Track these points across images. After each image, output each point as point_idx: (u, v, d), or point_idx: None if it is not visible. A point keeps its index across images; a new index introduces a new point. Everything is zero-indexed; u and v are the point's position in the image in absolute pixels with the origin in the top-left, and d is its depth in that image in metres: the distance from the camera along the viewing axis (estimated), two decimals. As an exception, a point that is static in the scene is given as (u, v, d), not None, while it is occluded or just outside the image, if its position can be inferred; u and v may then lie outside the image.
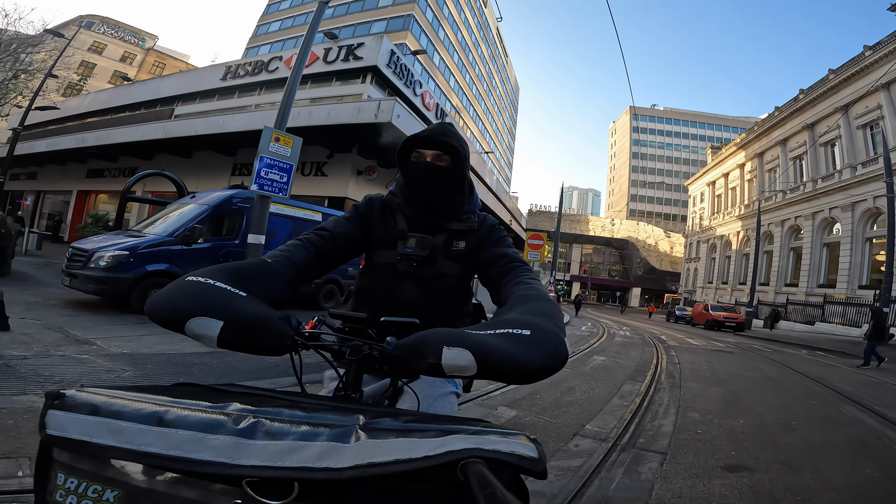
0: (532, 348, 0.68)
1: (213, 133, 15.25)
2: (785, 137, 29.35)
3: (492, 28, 52.31)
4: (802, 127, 27.43)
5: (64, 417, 0.56)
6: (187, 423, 0.54)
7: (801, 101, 27.56)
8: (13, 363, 3.50)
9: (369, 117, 11.66)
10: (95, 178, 23.73)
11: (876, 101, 22.20)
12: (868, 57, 22.52)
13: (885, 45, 21.52)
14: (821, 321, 22.07)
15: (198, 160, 18.16)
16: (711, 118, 74.96)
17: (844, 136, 24.17)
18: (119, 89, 28.14)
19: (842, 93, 24.29)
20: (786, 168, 29.11)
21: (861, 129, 23.34)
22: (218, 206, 7.57)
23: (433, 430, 0.55)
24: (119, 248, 6.19)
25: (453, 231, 1.26)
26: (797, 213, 27.13)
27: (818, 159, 26.37)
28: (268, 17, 38.32)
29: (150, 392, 0.61)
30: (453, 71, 38.26)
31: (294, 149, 7.39)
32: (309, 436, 0.54)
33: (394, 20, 30.32)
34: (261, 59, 21.05)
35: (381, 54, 17.48)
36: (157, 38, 47.16)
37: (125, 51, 45.01)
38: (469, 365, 0.67)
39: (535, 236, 14.42)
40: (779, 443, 3.78)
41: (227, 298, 0.77)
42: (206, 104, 22.30)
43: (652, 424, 4.02)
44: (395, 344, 0.78)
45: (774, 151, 30.81)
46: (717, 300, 32.32)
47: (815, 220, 25.54)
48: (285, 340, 0.77)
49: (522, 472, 0.54)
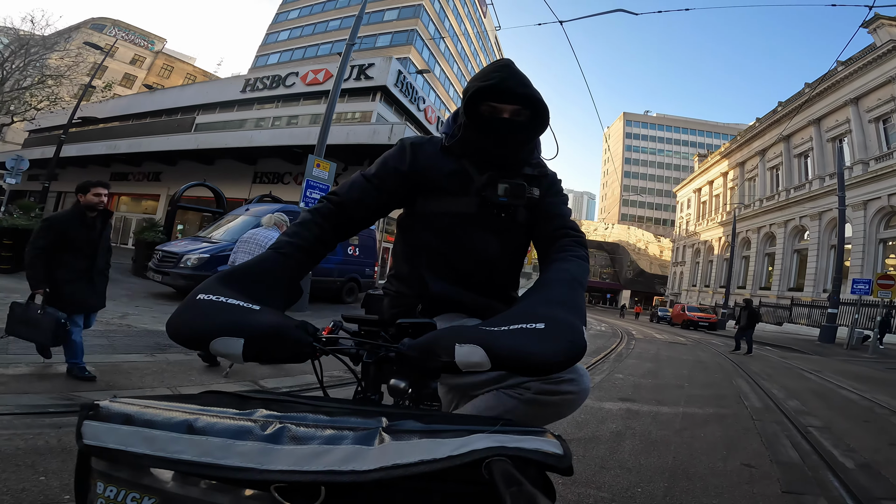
0: (546, 343, 0.69)
1: (241, 146, 17.10)
2: (763, 148, 31.28)
3: (490, 37, 54.25)
4: (779, 139, 29.02)
5: (99, 427, 0.58)
6: (216, 430, 0.56)
7: (779, 113, 29.41)
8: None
9: (383, 139, 13.60)
10: (119, 181, 25.46)
11: (845, 116, 23.99)
12: (840, 72, 23.97)
13: (856, 62, 22.94)
14: (788, 322, 24.07)
15: (220, 167, 19.93)
16: (702, 125, 77.25)
17: (816, 148, 26.06)
18: (140, 96, 29.90)
19: (815, 106, 25.94)
20: (763, 178, 31.19)
21: (831, 141, 25.15)
22: (269, 219, 9.48)
23: (456, 430, 0.56)
24: (202, 252, 8.14)
25: (527, 176, 1.15)
26: (772, 220, 29.21)
27: (792, 170, 28.37)
28: (277, 25, 40.29)
29: (179, 401, 0.63)
30: (453, 81, 40.25)
31: (330, 172, 9.27)
32: (334, 439, 0.54)
33: (398, 34, 32.28)
34: (278, 73, 22.92)
35: (389, 74, 19.43)
36: (166, 40, 48.87)
37: (135, 53, 46.61)
38: (482, 361, 0.69)
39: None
40: (664, 392, 5.75)
41: (242, 315, 0.78)
42: (226, 114, 24.17)
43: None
44: (409, 345, 0.80)
45: (754, 161, 32.74)
46: (699, 302, 34.50)
47: (787, 228, 27.62)
48: (304, 348, 0.79)
49: (548, 469, 0.55)
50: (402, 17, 32.93)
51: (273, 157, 17.56)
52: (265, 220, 4.68)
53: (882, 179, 21.05)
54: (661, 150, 76.04)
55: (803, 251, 26.47)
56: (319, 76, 20.71)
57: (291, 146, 15.86)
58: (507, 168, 1.13)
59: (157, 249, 8.64)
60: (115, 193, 26.11)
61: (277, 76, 22.50)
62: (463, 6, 43.56)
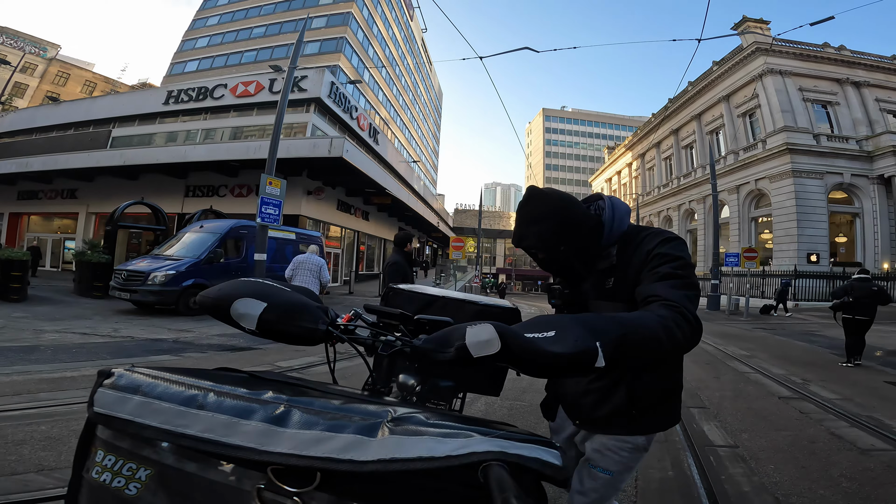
0: (553, 342, 0.70)
1: (174, 162, 17.01)
2: (658, 141, 35.34)
3: (417, 40, 55.61)
4: (670, 132, 33.17)
5: (112, 396, 0.60)
6: (224, 407, 0.57)
7: (669, 109, 33.15)
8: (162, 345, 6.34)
9: (323, 152, 14.53)
10: (28, 199, 23.58)
11: (720, 111, 27.67)
12: (715, 71, 27.28)
13: (727, 62, 26.15)
14: (682, 294, 27.97)
15: (146, 182, 18.99)
16: (613, 118, 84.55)
17: (699, 140, 29.95)
18: (44, 108, 27.67)
19: (696, 103, 29.75)
20: (660, 167, 35.59)
21: (709, 134, 28.89)
22: (227, 234, 10.27)
23: (458, 431, 0.55)
24: (168, 269, 8.81)
25: (600, 271, 1.23)
26: (668, 205, 33.48)
27: (681, 160, 32.52)
28: (194, 31, 38.60)
29: (193, 376, 0.64)
30: (381, 86, 41.08)
31: (282, 189, 10.09)
32: (336, 427, 0.55)
33: (327, 42, 32.53)
34: (204, 84, 22.54)
35: (323, 86, 20.15)
36: (60, 47, 44.79)
37: (25, 61, 42.34)
38: (492, 338, 0.69)
39: (457, 240, 18.41)
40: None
41: (271, 287, 0.86)
42: (146, 127, 23.27)
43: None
44: (424, 339, 0.81)
45: (652, 153, 36.89)
46: (615, 280, 38.52)
47: (681, 211, 31.86)
48: (321, 325, 0.83)
49: (544, 478, 0.55)
50: (331, 25, 33.20)
51: (206, 170, 17.62)
52: (310, 248, 7.09)
53: (749, 167, 24.80)
54: (578, 143, 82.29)
55: (694, 231, 30.48)
56: (251, 88, 20.79)
57: (229, 161, 16.19)
58: (582, 277, 1.27)
59: (119, 270, 9.12)
60: (25, 213, 24.24)
61: (204, 87, 22.18)
62: (391, 11, 44.35)
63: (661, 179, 35.15)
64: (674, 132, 32.98)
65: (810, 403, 4.70)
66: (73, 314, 8.14)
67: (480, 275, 24.56)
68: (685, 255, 1.12)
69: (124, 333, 6.62)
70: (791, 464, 3.10)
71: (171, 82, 33.82)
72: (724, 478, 2.84)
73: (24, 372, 4.22)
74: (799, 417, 4.24)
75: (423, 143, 60.91)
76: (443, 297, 1.61)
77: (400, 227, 32.52)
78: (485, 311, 1.58)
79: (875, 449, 3.43)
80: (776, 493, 2.64)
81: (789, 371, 6.42)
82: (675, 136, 33.06)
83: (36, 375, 4.12)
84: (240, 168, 17.03)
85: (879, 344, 8.65)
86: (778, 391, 5.26)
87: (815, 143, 22.53)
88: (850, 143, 22.90)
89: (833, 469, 3.01)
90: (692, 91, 30.03)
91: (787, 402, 4.74)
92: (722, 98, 27.24)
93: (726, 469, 2.98)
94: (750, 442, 3.51)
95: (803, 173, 22.10)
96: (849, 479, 2.85)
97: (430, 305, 1.56)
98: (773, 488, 2.70)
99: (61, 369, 4.42)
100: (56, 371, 4.32)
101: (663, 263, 1.08)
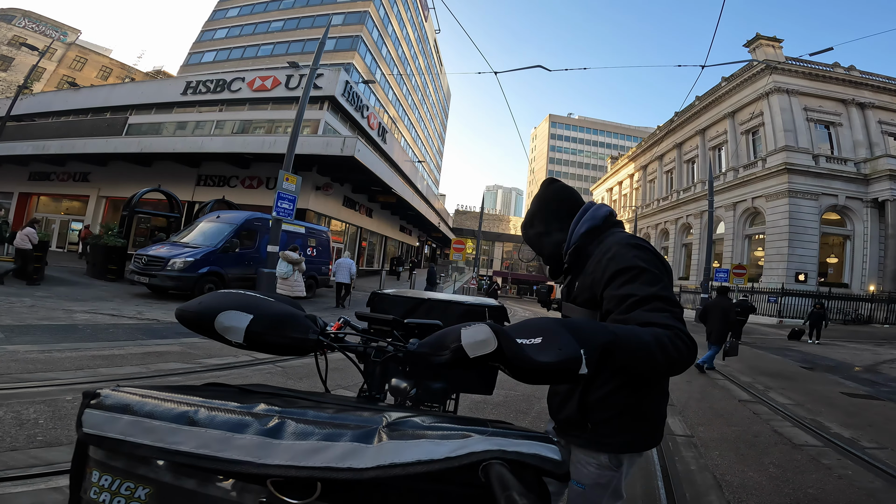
0: (539, 350, 0.71)
1: (190, 151, 17.56)
2: (661, 154, 35.72)
3: (430, 40, 56.04)
4: (673, 146, 33.44)
5: (100, 416, 0.59)
6: (216, 422, 0.56)
7: (675, 122, 33.45)
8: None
9: (336, 151, 15.07)
10: (39, 181, 24.12)
11: (724, 127, 27.95)
12: (723, 87, 27.29)
13: (736, 78, 26.16)
14: (675, 307, 28.54)
15: (159, 169, 19.53)
16: (618, 128, 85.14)
17: (701, 155, 30.17)
18: (63, 93, 28.21)
19: (702, 118, 30.04)
20: (661, 180, 36.07)
21: (712, 150, 29.20)
22: (242, 225, 10.85)
23: (455, 432, 0.56)
24: (187, 256, 9.37)
25: (564, 272, 1.28)
26: (666, 218, 33.93)
27: (682, 174, 32.90)
28: (214, 22, 39.06)
29: (181, 392, 0.63)
30: (392, 85, 41.50)
31: (297, 185, 10.67)
32: (333, 436, 0.54)
33: (342, 39, 32.94)
34: (222, 77, 23.04)
35: (338, 85, 20.65)
36: (80, 31, 45.37)
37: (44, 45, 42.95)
38: (488, 338, 0.69)
39: (458, 242, 18.98)
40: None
41: (255, 298, 0.84)
42: (163, 115, 23.83)
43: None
44: (418, 343, 0.82)
45: (654, 165, 37.24)
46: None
47: (677, 225, 32.31)
48: (311, 335, 0.82)
49: (545, 474, 0.55)
50: (348, 23, 33.62)
51: (219, 160, 18.17)
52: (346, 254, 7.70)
53: (748, 184, 25.17)
54: (582, 151, 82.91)
55: (689, 245, 30.83)
56: (267, 83, 21.30)
57: (243, 153, 16.76)
58: (563, 272, 1.32)
59: (139, 254, 9.67)
60: (35, 194, 24.80)
61: (222, 80, 22.70)
62: (406, 10, 44.72)
63: (662, 192, 35.61)
64: (677, 146, 33.31)
65: (764, 406, 5.30)
66: (93, 296, 8.66)
67: (477, 277, 25.12)
68: (649, 264, 1.06)
69: (149, 316, 7.18)
70: (733, 452, 3.71)
71: (188, 72, 34.40)
72: (678, 459, 3.44)
73: (76, 349, 4.71)
74: (751, 417, 4.84)
75: (428, 143, 61.45)
76: (429, 299, 1.67)
77: (402, 226, 33.13)
78: (471, 311, 1.65)
79: (807, 445, 4.03)
80: (715, 472, 3.23)
81: (755, 380, 7.02)
82: (678, 149, 33.38)
83: (87, 353, 4.62)
84: (252, 161, 17.59)
85: (858, 361, 9.14)
86: (739, 395, 5.87)
87: (814, 164, 22.88)
88: (849, 165, 23.25)
89: (766, 458, 3.61)
90: (699, 105, 30.24)
91: (745, 405, 5.35)
92: (727, 114, 27.50)
93: (680, 453, 3.58)
94: (704, 433, 4.12)
95: (799, 194, 22.51)
96: (776, 466, 3.43)
97: (417, 308, 1.61)
98: (713, 469, 3.30)
99: (107, 347, 4.96)
100: (104, 349, 4.86)
101: (632, 281, 1.02)
